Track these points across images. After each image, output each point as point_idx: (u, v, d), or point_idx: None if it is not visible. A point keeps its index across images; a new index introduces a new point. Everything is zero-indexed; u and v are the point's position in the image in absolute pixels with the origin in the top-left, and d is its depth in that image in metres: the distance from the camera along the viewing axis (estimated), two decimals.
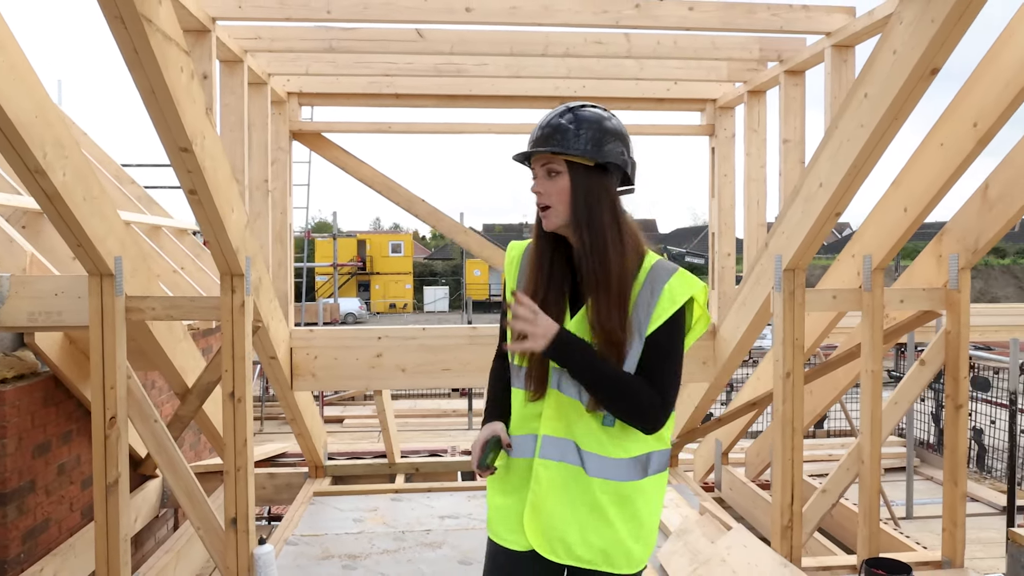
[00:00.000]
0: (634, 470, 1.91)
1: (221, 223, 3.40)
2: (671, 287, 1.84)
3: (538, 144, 1.87)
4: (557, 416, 1.91)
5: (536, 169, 1.91)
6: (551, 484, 1.90)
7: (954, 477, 4.26)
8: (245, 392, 3.79)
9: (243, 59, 4.04)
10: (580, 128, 1.85)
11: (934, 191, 3.65)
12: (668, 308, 1.82)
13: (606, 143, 1.86)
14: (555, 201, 1.86)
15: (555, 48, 4.05)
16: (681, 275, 1.88)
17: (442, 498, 5.46)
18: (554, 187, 1.86)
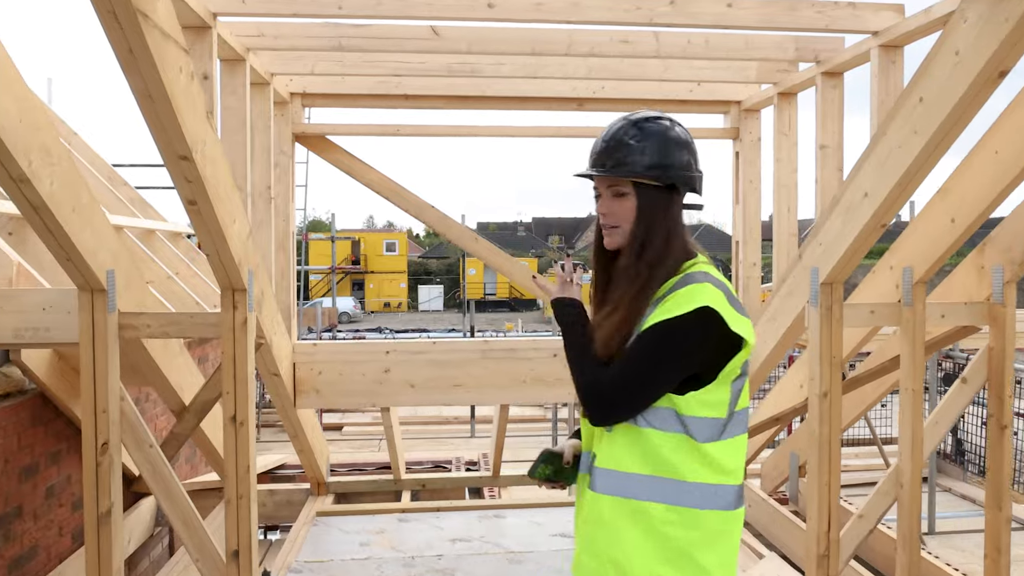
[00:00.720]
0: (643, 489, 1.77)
1: (223, 235, 3.15)
2: (676, 296, 1.77)
3: (601, 163, 1.83)
4: (588, 432, 1.93)
5: (601, 188, 1.87)
6: (582, 502, 1.91)
7: (998, 501, 4.04)
8: (248, 415, 3.54)
9: (245, 58, 3.77)
10: (646, 144, 1.79)
11: (986, 202, 3.42)
12: (661, 314, 1.76)
13: (672, 157, 1.82)
14: (622, 221, 1.84)
15: (579, 47, 3.80)
16: (692, 289, 1.77)
17: (451, 518, 5.22)
18: (621, 208, 1.83)
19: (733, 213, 5.19)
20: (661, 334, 1.75)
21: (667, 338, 1.75)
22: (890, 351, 4.81)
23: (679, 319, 1.73)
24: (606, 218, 1.86)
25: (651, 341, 1.76)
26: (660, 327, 1.75)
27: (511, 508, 5.34)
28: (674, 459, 1.77)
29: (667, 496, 1.77)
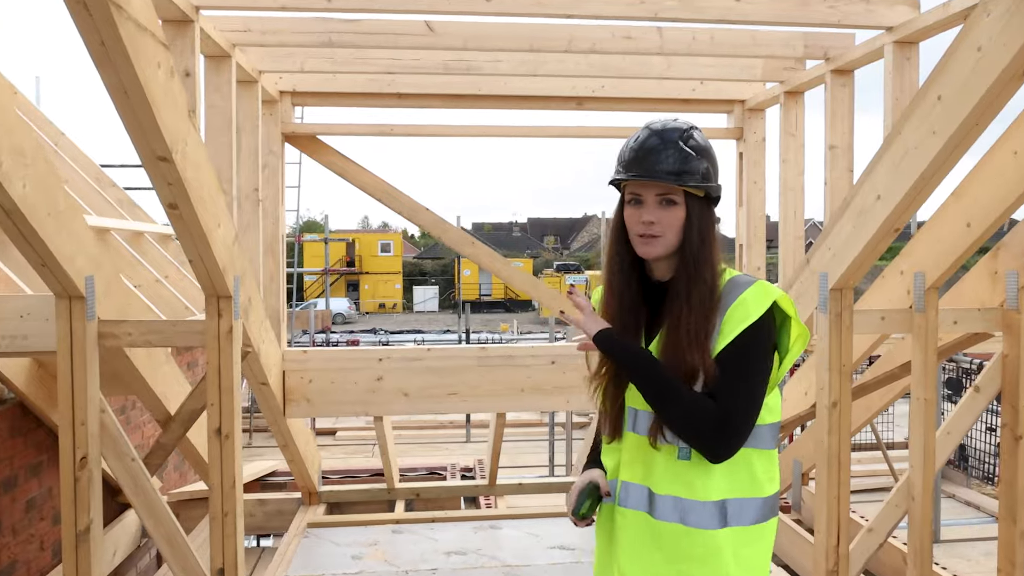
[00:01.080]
0: (714, 517, 1.74)
1: (206, 240, 2.99)
2: (743, 301, 1.72)
3: (662, 172, 1.74)
4: (634, 460, 1.83)
5: (646, 195, 1.77)
6: (627, 534, 1.81)
7: (1012, 514, 3.90)
8: (233, 427, 3.38)
9: (231, 54, 3.61)
10: (701, 156, 1.78)
11: (1004, 206, 3.28)
12: (739, 323, 1.70)
13: (718, 170, 1.84)
14: (667, 231, 1.76)
15: (580, 43, 3.65)
16: (757, 287, 1.75)
17: (446, 529, 5.07)
18: (668, 217, 1.76)
19: (736, 215, 5.04)
20: (754, 343, 1.71)
21: (759, 345, 1.72)
22: (899, 356, 4.68)
23: (761, 320, 1.70)
24: (651, 227, 1.76)
25: (749, 353, 1.71)
26: (750, 336, 1.70)
27: (507, 519, 5.19)
28: (760, 475, 1.77)
29: (746, 515, 1.76)
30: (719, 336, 1.71)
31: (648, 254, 1.78)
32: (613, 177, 1.85)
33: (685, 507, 1.74)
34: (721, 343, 1.70)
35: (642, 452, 1.81)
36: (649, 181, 1.75)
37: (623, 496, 1.83)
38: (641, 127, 1.85)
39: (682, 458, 1.74)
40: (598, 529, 1.96)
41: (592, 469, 1.95)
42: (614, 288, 1.87)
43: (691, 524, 1.74)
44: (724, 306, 1.74)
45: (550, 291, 4.89)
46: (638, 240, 1.78)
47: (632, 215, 1.79)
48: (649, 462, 1.79)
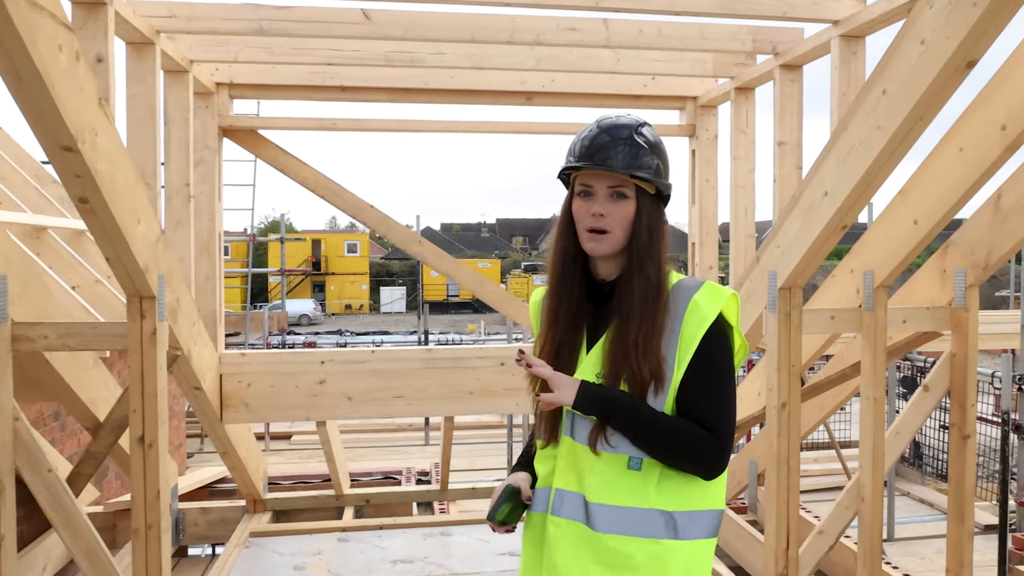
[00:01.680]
0: (662, 527, 1.66)
1: (123, 237, 2.82)
2: (696, 303, 1.67)
3: (616, 162, 1.68)
4: (569, 466, 1.73)
5: (597, 187, 1.71)
6: (561, 545, 1.71)
7: (960, 513, 3.88)
8: (158, 436, 3.21)
9: (155, 41, 3.43)
10: (652, 152, 1.73)
11: (951, 203, 3.24)
12: (698, 329, 1.65)
13: (669, 167, 1.79)
14: (616, 227, 1.70)
15: (523, 35, 3.54)
16: (707, 288, 1.70)
17: (395, 537, 4.92)
18: (619, 211, 1.70)
19: (689, 214, 4.97)
20: (718, 349, 1.67)
21: (724, 351, 1.69)
22: (851, 356, 4.64)
23: (719, 322, 1.67)
24: (600, 220, 1.69)
25: (717, 361, 1.67)
26: (713, 341, 1.65)
27: (458, 525, 5.06)
28: (711, 487, 1.71)
29: (696, 528, 1.69)
30: (680, 342, 1.66)
31: (595, 251, 1.72)
32: (564, 167, 1.78)
33: (629, 516, 1.66)
34: (687, 351, 1.65)
35: (578, 459, 1.72)
36: (602, 170, 1.69)
37: (557, 505, 1.74)
38: (592, 122, 1.80)
39: (633, 468, 1.67)
40: (525, 539, 1.85)
41: (517, 472, 1.89)
42: (558, 285, 1.80)
43: (635, 533, 1.66)
44: (677, 310, 1.68)
45: (498, 291, 4.78)
46: (586, 235, 1.72)
47: (582, 207, 1.73)
48: (586, 469, 1.70)
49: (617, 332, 1.69)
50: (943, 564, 6.26)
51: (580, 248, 1.76)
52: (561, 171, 1.81)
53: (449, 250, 49.53)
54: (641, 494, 1.66)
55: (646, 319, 1.67)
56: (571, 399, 1.66)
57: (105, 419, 3.85)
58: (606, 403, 1.65)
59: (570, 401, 1.66)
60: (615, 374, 1.68)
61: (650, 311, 1.68)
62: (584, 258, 1.78)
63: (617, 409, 1.65)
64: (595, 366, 1.72)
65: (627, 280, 1.71)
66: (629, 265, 1.71)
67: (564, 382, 1.67)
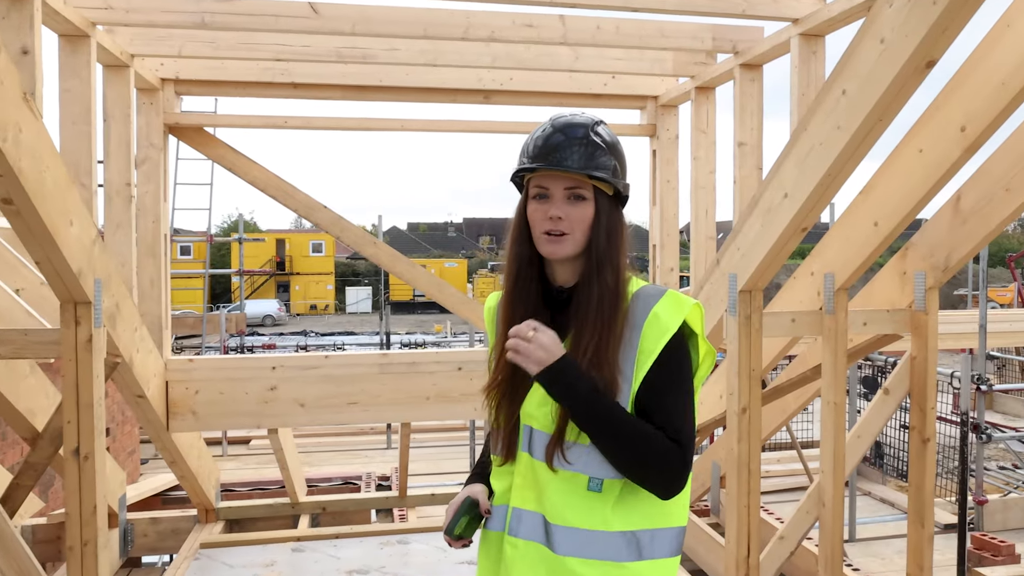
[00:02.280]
0: (624, 548, 1.59)
1: (52, 240, 2.66)
2: (656, 314, 1.59)
3: (572, 162, 1.61)
4: (527, 484, 1.65)
5: (554, 189, 1.63)
6: (519, 567, 1.63)
7: (920, 518, 3.86)
8: (94, 448, 3.05)
9: (90, 34, 3.26)
10: (609, 152, 1.66)
11: (911, 204, 3.21)
12: (657, 341, 1.57)
13: (626, 167, 1.72)
14: (575, 229, 1.62)
15: (478, 31, 3.43)
16: (668, 298, 1.62)
17: (351, 546, 4.79)
18: (577, 213, 1.63)
19: (650, 215, 4.91)
20: (677, 360, 1.60)
21: (683, 362, 1.62)
22: (813, 358, 4.62)
23: (680, 333, 1.60)
24: (559, 223, 1.61)
25: (676, 373, 1.60)
26: (673, 352, 1.58)
27: (416, 532, 4.94)
28: (673, 503, 1.63)
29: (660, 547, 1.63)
30: (639, 354, 1.58)
31: (555, 253, 1.63)
32: (518, 168, 1.69)
33: (590, 539, 1.58)
34: (644, 363, 1.58)
35: (537, 476, 1.64)
36: (558, 171, 1.61)
37: (514, 525, 1.65)
38: (546, 121, 1.71)
39: (592, 489, 1.59)
40: (481, 558, 1.76)
41: (473, 484, 1.80)
42: (513, 292, 1.71)
43: (597, 556, 1.58)
44: (637, 320, 1.61)
45: (456, 294, 4.67)
46: (543, 238, 1.63)
47: (537, 211, 1.65)
48: (545, 488, 1.62)
49: (574, 341, 1.62)
50: (903, 564, 6.29)
51: (535, 253, 1.68)
52: (514, 173, 1.72)
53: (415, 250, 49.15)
54: (601, 516, 1.59)
55: (603, 328, 1.59)
56: (535, 367, 1.54)
57: (43, 429, 3.67)
58: (571, 388, 1.54)
59: (534, 368, 1.54)
60: None
61: (608, 319, 1.60)
62: (540, 264, 1.71)
63: (579, 398, 1.53)
64: None
65: (585, 286, 1.63)
66: (587, 271, 1.64)
67: (542, 345, 1.54)
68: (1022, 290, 13.87)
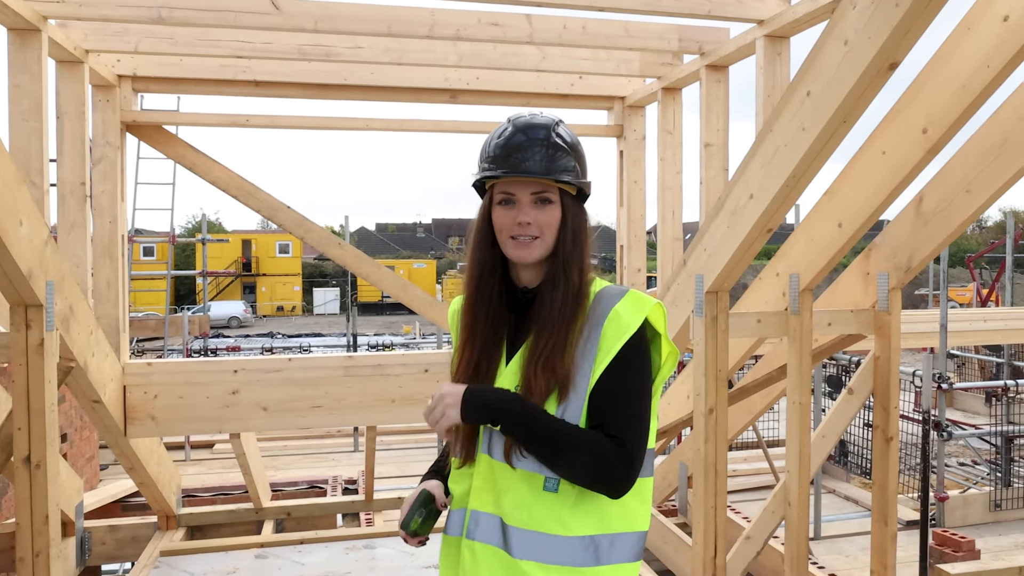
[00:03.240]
0: (581, 553, 1.56)
1: (0, 240, 2.57)
2: (617, 313, 1.57)
3: (535, 165, 1.60)
4: (486, 486, 1.62)
5: (520, 194, 1.62)
6: (474, 571, 1.60)
7: (884, 516, 3.90)
8: (46, 456, 2.95)
9: (40, 28, 3.16)
10: (572, 150, 1.65)
11: (874, 206, 3.24)
12: (616, 339, 1.55)
13: (584, 168, 1.70)
14: (544, 233, 1.62)
15: (443, 29, 3.39)
16: (629, 298, 1.61)
17: (315, 552, 4.71)
18: (545, 216, 1.62)
19: (617, 216, 4.90)
20: (636, 360, 1.58)
21: (642, 362, 1.60)
22: (778, 358, 4.65)
23: (640, 333, 1.58)
24: (527, 228, 1.61)
25: (633, 373, 1.58)
26: (631, 352, 1.56)
27: (382, 537, 4.88)
28: (635, 506, 1.62)
29: (620, 552, 1.60)
30: (599, 353, 1.57)
31: (524, 258, 1.62)
32: (481, 175, 1.65)
33: (547, 543, 1.56)
34: (602, 361, 1.56)
35: (496, 478, 1.61)
36: (525, 178, 1.60)
37: (472, 528, 1.62)
38: (504, 122, 1.69)
39: (549, 489, 1.57)
40: (442, 564, 1.73)
41: (429, 480, 1.79)
42: (475, 298, 1.69)
43: (554, 561, 1.56)
44: (598, 319, 1.60)
45: (422, 295, 4.62)
46: (511, 243, 1.63)
47: (504, 216, 1.63)
48: (503, 490, 1.60)
49: (534, 340, 1.60)
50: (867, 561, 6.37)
51: (499, 258, 1.68)
52: (478, 180, 1.68)
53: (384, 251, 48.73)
54: (559, 519, 1.56)
55: (563, 327, 1.58)
56: (456, 414, 1.53)
57: None
58: (494, 410, 1.53)
59: (456, 416, 1.53)
60: (527, 388, 1.58)
61: (568, 319, 1.59)
62: (504, 267, 1.69)
63: (504, 414, 1.52)
64: (514, 377, 1.62)
65: (549, 286, 1.63)
66: (553, 272, 1.63)
67: (447, 396, 1.53)
68: (981, 290, 14.17)
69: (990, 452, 8.42)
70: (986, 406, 10.53)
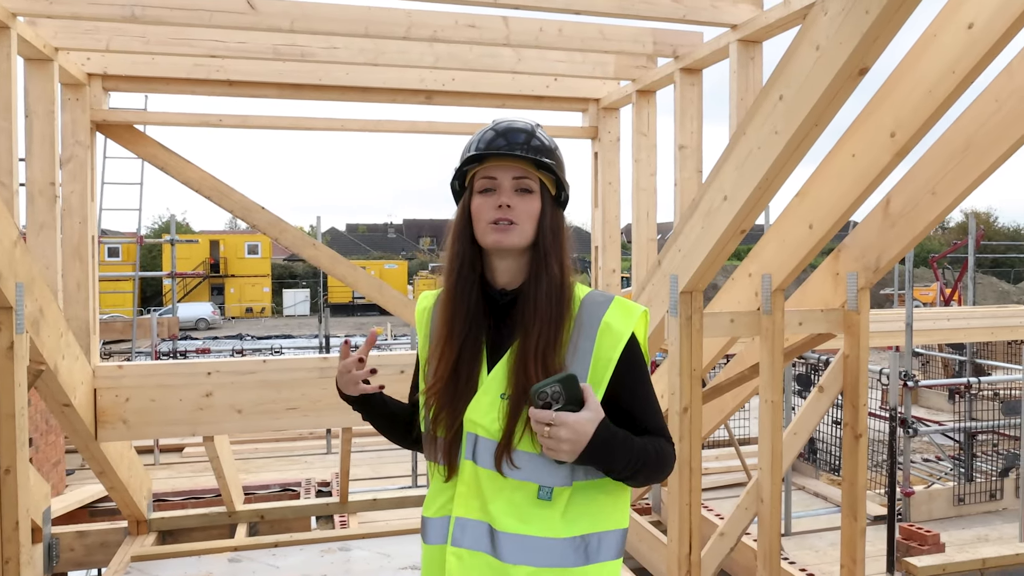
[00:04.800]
0: (572, 554, 1.57)
1: None
2: (608, 324, 1.58)
3: (520, 150, 1.61)
4: (471, 493, 1.60)
5: (502, 179, 1.62)
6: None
7: (853, 512, 3.97)
8: (16, 461, 2.90)
9: (10, 25, 3.10)
10: (551, 152, 1.67)
11: (844, 207, 3.30)
12: (613, 349, 1.56)
13: (563, 172, 1.71)
14: (524, 220, 1.61)
15: (420, 30, 3.39)
16: (617, 306, 1.62)
17: (290, 555, 4.68)
18: (525, 205, 1.62)
19: (592, 217, 4.94)
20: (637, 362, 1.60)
21: (642, 362, 1.62)
22: (750, 358, 4.72)
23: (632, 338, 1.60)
24: (507, 212, 1.60)
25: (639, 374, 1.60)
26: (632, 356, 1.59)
27: (357, 539, 4.87)
28: (619, 504, 1.65)
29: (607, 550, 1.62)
30: (594, 362, 1.57)
31: (501, 242, 1.59)
32: (465, 159, 1.65)
33: (538, 546, 1.55)
34: (604, 370, 1.56)
35: (482, 485, 1.59)
36: (507, 160, 1.61)
37: (458, 535, 1.59)
38: (487, 125, 1.70)
39: (543, 498, 1.56)
40: (425, 573, 1.69)
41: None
42: (454, 293, 1.65)
43: (546, 564, 1.55)
44: (588, 330, 1.59)
45: (397, 295, 4.61)
46: (490, 228, 1.59)
47: (484, 203, 1.62)
48: (491, 497, 1.58)
49: (522, 342, 1.57)
50: (836, 556, 6.48)
51: (478, 253, 1.64)
52: (462, 165, 1.67)
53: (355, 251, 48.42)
54: (551, 524, 1.56)
55: (551, 326, 1.57)
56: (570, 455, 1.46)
57: None
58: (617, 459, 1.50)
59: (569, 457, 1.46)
60: (521, 393, 1.55)
61: (555, 316, 1.58)
62: (482, 266, 1.66)
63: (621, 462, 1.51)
64: (500, 385, 1.59)
65: (532, 282, 1.61)
66: (534, 267, 1.62)
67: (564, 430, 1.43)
68: (944, 289, 14.48)
69: (953, 448, 8.62)
70: (950, 403, 10.77)
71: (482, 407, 1.60)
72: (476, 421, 1.60)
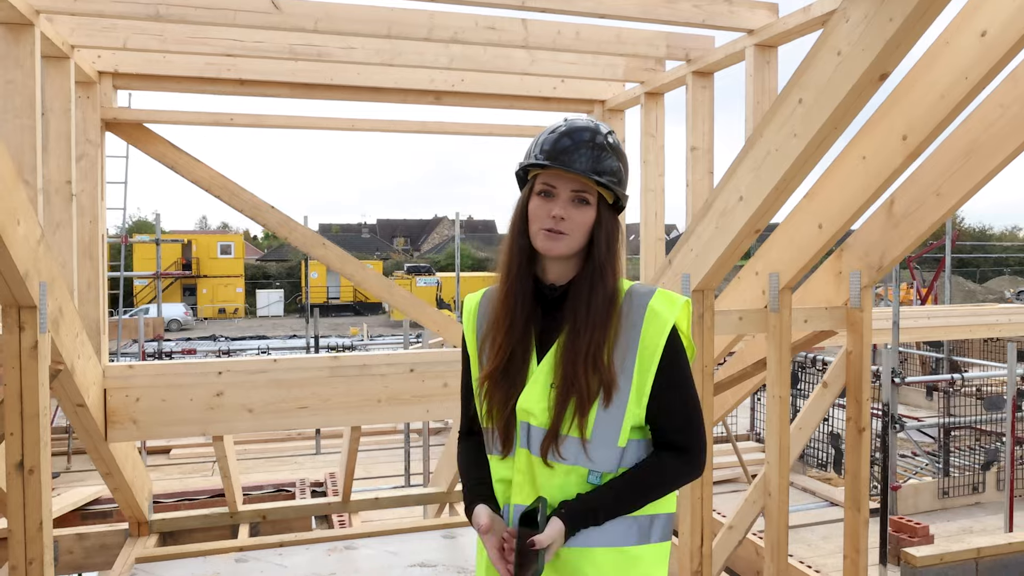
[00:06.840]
0: (628, 534, 1.65)
1: (1, 241, 2.51)
2: (653, 310, 1.65)
3: (582, 165, 1.64)
4: (526, 480, 1.67)
5: (561, 189, 1.66)
6: None
7: (856, 503, 4.08)
8: (40, 460, 2.89)
9: (34, 22, 3.07)
10: (619, 159, 1.71)
11: (854, 208, 3.39)
12: (659, 336, 1.64)
13: (626, 177, 1.77)
14: (575, 231, 1.65)
15: (440, 32, 3.42)
16: (661, 295, 1.69)
17: (296, 554, 4.68)
18: (580, 216, 1.66)
19: None
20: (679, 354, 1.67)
21: (682, 355, 1.68)
22: (751, 355, 4.81)
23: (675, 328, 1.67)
24: (560, 223, 1.64)
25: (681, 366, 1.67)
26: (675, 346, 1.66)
27: (363, 537, 4.88)
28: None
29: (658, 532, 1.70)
30: (640, 350, 1.64)
31: (551, 250, 1.65)
32: (528, 163, 1.70)
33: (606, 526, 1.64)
34: (650, 359, 1.63)
35: (534, 472, 1.66)
36: (566, 172, 1.64)
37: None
38: (560, 120, 1.75)
39: (593, 482, 1.64)
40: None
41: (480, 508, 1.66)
42: (512, 286, 1.70)
43: (603, 544, 1.63)
44: (634, 319, 1.65)
45: (405, 294, 4.64)
46: (542, 234, 1.65)
47: (541, 207, 1.67)
48: (544, 483, 1.65)
49: (569, 340, 1.64)
50: (829, 549, 6.63)
51: (531, 250, 1.70)
52: (523, 168, 1.73)
53: None
54: None
55: (600, 328, 1.63)
56: (562, 542, 1.59)
57: None
58: (592, 515, 1.62)
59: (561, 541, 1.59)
60: (568, 385, 1.62)
61: (603, 320, 1.64)
62: (534, 261, 1.72)
63: (602, 513, 1.62)
64: (547, 376, 1.66)
65: (582, 287, 1.66)
66: (587, 272, 1.66)
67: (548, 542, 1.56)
68: (920, 289, 14.80)
69: (931, 443, 8.82)
70: (927, 399, 11.01)
71: (534, 396, 1.66)
72: (528, 410, 1.66)
